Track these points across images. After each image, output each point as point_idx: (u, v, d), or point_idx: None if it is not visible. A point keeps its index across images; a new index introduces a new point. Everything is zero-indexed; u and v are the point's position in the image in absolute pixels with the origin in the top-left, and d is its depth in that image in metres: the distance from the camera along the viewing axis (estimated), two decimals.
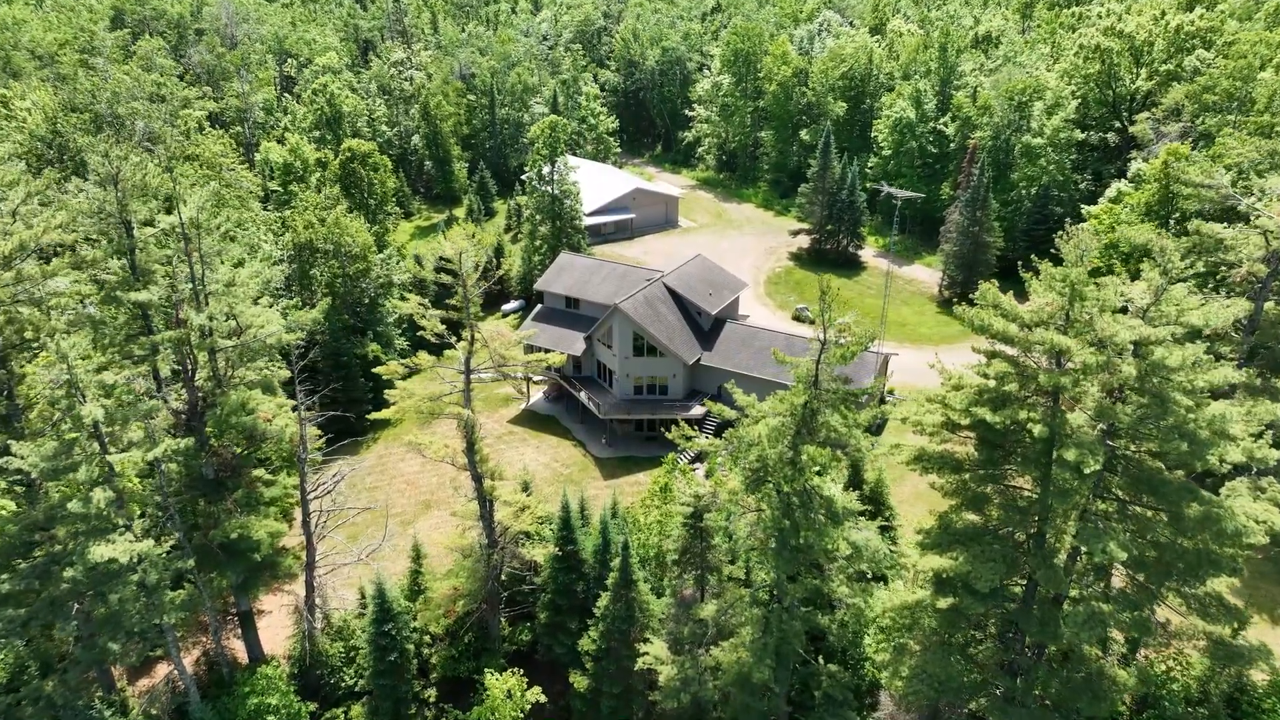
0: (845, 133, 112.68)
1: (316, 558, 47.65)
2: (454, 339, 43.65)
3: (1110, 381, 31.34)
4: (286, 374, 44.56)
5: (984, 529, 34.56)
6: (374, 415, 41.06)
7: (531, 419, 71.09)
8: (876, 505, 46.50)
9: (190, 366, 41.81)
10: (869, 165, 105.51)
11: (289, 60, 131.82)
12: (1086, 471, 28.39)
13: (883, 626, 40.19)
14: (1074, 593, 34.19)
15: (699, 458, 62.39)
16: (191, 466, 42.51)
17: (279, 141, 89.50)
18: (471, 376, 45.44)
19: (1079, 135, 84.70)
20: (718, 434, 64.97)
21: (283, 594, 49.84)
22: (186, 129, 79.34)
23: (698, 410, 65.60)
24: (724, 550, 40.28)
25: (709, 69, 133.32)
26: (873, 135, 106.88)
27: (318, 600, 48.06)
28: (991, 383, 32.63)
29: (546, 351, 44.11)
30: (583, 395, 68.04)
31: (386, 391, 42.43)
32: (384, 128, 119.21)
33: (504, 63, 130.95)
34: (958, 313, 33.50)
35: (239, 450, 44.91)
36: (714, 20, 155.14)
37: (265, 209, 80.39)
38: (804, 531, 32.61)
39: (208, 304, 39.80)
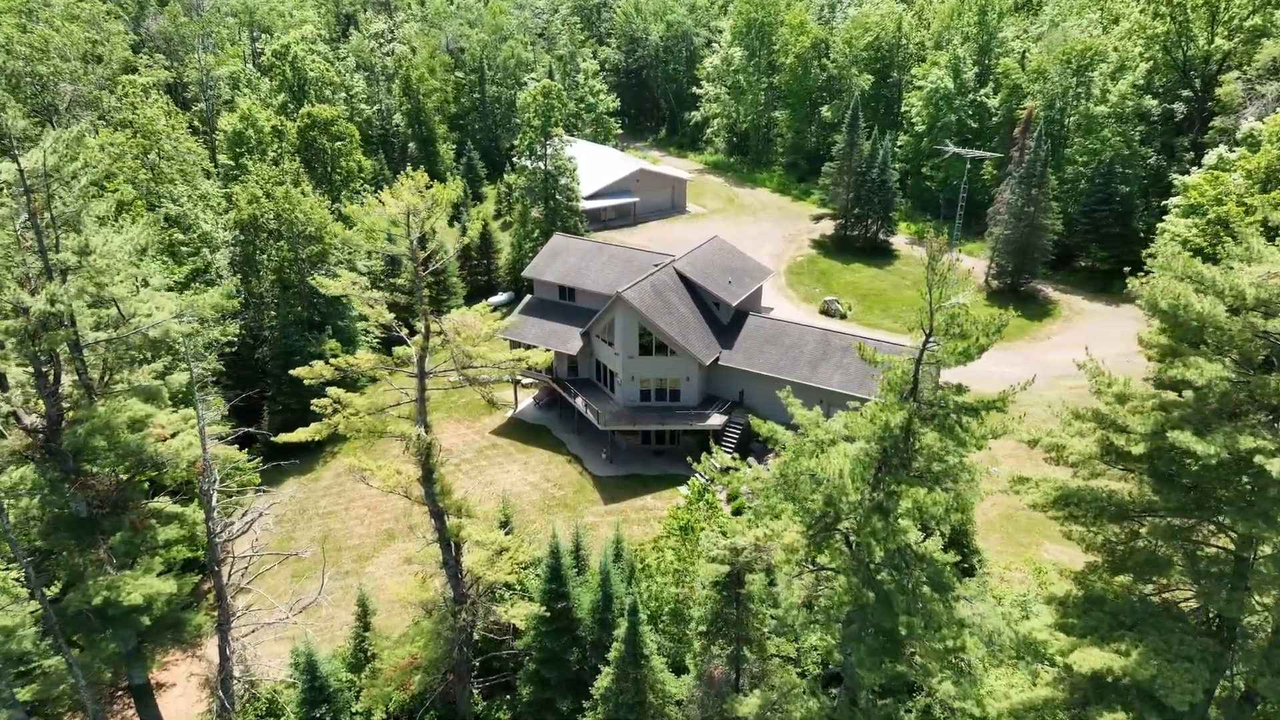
0: (870, 109, 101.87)
1: (235, 615, 36.98)
2: (406, 331, 33.11)
3: None
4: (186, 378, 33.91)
5: (1155, 605, 23.93)
6: (284, 438, 30.36)
7: (519, 429, 60.40)
8: (960, 549, 35.75)
9: (51, 369, 31.20)
10: (898, 144, 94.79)
11: (263, 36, 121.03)
12: None
13: None
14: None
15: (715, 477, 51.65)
16: (56, 502, 31.90)
17: (230, 108, 78.84)
18: (446, 380, 35.04)
19: (1151, 102, 73.93)
20: (739, 450, 54.30)
21: (195, 659, 39.16)
22: (124, 92, 68.55)
23: (716, 419, 54.94)
24: (767, 619, 29.61)
25: (718, 44, 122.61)
26: (903, 110, 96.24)
27: (237, 670, 37.37)
28: (1184, 395, 22.02)
29: (528, 348, 33.38)
30: (579, 402, 57.38)
31: (314, 402, 31.85)
32: (363, 105, 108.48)
33: (495, 36, 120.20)
34: (1132, 288, 22.84)
35: (126, 478, 34.29)
36: None
37: (216, 185, 69.78)
38: (903, 615, 21.93)
39: (64, 282, 29.14)
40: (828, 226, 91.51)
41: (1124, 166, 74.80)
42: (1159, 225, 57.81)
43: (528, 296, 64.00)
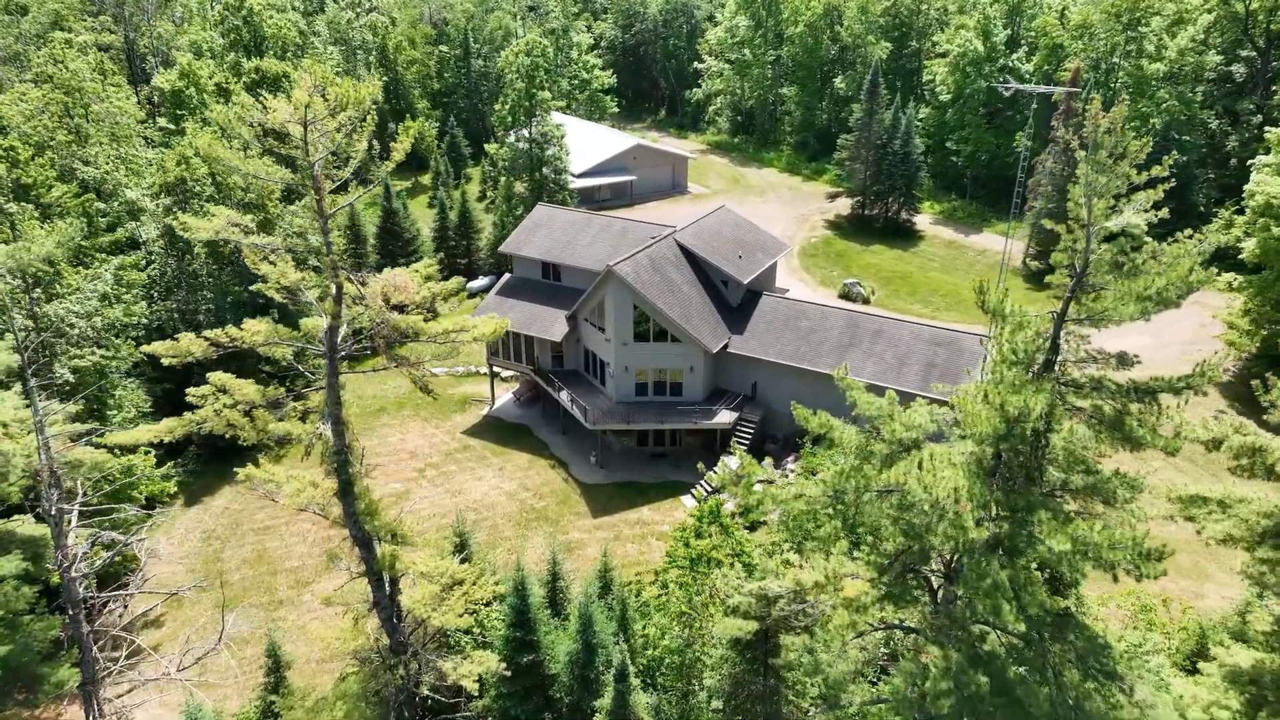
0: (887, 81, 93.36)
1: (108, 670, 28.55)
2: (316, 296, 24.79)
3: None
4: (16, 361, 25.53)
5: None
6: (117, 438, 22.00)
7: (495, 429, 51.96)
8: (1055, 586, 27.25)
9: None
10: (919, 117, 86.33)
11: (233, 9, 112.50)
12: None
13: None
14: None
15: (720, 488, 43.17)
16: None
17: (166, 65, 70.46)
18: (381, 365, 26.76)
19: (1214, 60, 65.52)
20: (751, 453, 45.89)
21: None
22: (52, 49, 60.19)
23: (724, 416, 46.53)
24: (809, 691, 21.22)
25: (720, 16, 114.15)
26: (926, 79, 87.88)
27: None
28: None
29: (473, 319, 25.04)
30: (564, 396, 48.96)
31: (189, 391, 23.59)
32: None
33: (482, 7, 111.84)
34: None
35: None
36: None
37: (155, 153, 61.46)
38: None
39: None
40: (843, 206, 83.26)
41: (1180, 133, 66.41)
42: (1246, 187, 49.48)
43: (505, 275, 55.60)
